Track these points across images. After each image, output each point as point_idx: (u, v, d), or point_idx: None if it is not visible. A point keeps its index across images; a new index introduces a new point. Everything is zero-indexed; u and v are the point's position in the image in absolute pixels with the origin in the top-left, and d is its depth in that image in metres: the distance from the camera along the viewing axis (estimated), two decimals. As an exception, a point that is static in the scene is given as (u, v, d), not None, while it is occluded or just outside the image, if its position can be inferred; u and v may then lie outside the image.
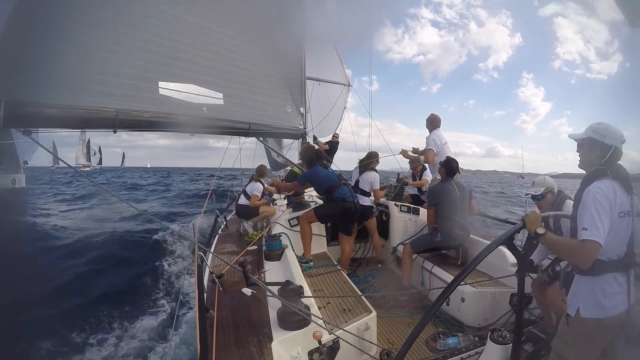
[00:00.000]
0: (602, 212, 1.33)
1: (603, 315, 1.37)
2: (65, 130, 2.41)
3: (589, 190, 1.38)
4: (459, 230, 3.15)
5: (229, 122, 3.11)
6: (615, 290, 1.38)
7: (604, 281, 1.38)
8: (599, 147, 1.45)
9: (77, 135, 55.96)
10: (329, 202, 3.37)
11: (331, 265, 3.15)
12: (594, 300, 1.39)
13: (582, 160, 1.53)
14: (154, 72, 2.62)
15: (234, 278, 2.68)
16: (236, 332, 1.93)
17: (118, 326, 4.30)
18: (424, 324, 1.48)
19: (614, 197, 1.36)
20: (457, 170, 3.37)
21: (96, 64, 2.30)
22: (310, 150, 3.54)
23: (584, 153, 1.52)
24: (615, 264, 1.39)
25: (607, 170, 1.41)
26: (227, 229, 4.89)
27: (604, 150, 1.43)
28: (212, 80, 3.05)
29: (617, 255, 1.39)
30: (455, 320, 2.76)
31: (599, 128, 1.44)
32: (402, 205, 4.28)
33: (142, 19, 2.62)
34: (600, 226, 1.30)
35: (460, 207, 3.22)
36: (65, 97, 2.13)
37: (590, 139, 1.47)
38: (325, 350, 1.82)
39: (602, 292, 1.38)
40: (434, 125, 3.95)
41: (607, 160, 1.43)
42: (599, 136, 1.44)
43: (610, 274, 1.38)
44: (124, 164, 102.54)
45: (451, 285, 1.54)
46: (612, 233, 1.35)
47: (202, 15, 3.06)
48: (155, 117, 2.53)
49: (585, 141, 1.49)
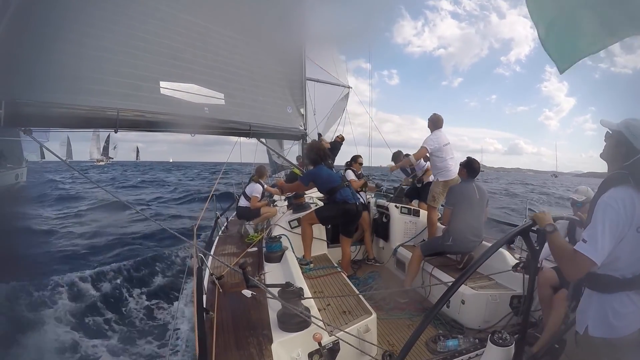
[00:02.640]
0: (607, 228, 1.19)
1: (612, 335, 1.26)
2: (68, 130, 2.41)
3: (602, 200, 1.25)
4: (472, 236, 3.03)
5: (230, 123, 3.11)
6: (629, 310, 1.25)
7: (616, 300, 1.27)
8: (625, 146, 1.27)
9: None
10: (331, 203, 3.35)
11: (331, 267, 3.15)
12: (604, 319, 1.28)
13: (605, 152, 1.38)
14: (155, 71, 2.62)
15: (234, 279, 2.67)
16: (236, 333, 1.92)
17: (118, 326, 4.29)
18: (425, 326, 1.47)
19: (631, 210, 1.20)
20: (479, 171, 3.22)
21: (96, 63, 2.30)
22: (315, 150, 3.45)
23: (609, 145, 1.35)
24: (630, 282, 1.26)
25: (628, 176, 1.24)
26: (228, 230, 4.89)
27: (629, 151, 1.26)
28: (213, 80, 3.05)
29: (633, 273, 1.25)
30: (455, 323, 2.76)
31: (633, 125, 1.26)
32: (402, 207, 4.28)
33: (141, 18, 2.62)
34: (601, 243, 1.18)
35: (478, 212, 3.09)
36: (65, 97, 2.13)
37: (620, 133, 1.29)
38: (326, 352, 1.82)
39: (613, 312, 1.26)
40: (436, 125, 3.93)
41: (631, 164, 1.26)
42: (630, 134, 1.26)
43: (623, 292, 1.26)
44: (139, 158, 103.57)
45: (453, 286, 1.53)
46: (629, 249, 1.22)
47: (201, 15, 3.07)
48: (156, 117, 2.53)
49: (615, 134, 1.32)
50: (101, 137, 73.91)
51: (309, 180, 3.37)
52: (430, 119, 4.00)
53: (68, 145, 68.97)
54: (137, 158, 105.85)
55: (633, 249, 1.23)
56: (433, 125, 3.94)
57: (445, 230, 3.23)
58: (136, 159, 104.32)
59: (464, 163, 3.24)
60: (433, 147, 3.79)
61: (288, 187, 4.04)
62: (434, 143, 3.80)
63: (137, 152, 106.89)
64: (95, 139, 73.65)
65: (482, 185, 3.23)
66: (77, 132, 2.45)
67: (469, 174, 3.18)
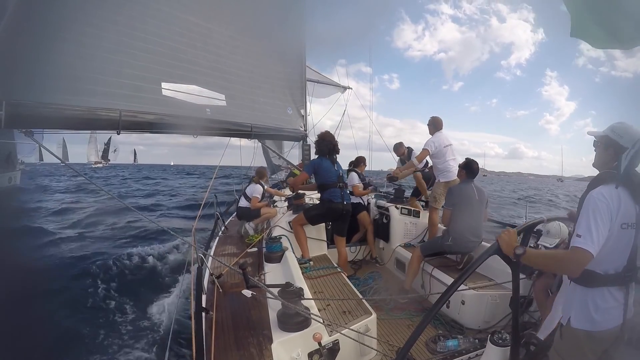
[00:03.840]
0: (599, 220, 1.24)
1: (593, 328, 1.30)
2: (66, 131, 2.40)
3: (590, 196, 1.30)
4: (472, 237, 3.04)
5: (231, 124, 3.12)
6: (610, 305, 1.30)
7: (598, 295, 1.31)
8: (613, 147, 1.35)
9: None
10: (319, 202, 3.40)
11: (331, 268, 3.16)
12: (585, 312, 1.32)
13: (596, 159, 1.44)
14: (156, 72, 2.63)
15: (234, 280, 2.67)
16: (236, 333, 1.93)
17: (116, 326, 4.28)
18: (424, 326, 1.48)
19: (617, 206, 1.26)
20: (477, 172, 3.24)
21: (97, 64, 2.30)
22: (327, 140, 3.42)
23: (599, 152, 1.42)
24: (612, 278, 1.30)
25: (616, 176, 1.31)
26: (227, 230, 4.89)
27: (617, 151, 1.33)
28: (214, 82, 3.06)
29: (615, 269, 1.30)
30: (455, 323, 2.76)
31: (618, 127, 1.35)
32: (402, 207, 4.28)
33: (142, 18, 2.62)
34: (595, 235, 1.22)
35: (477, 212, 3.10)
36: (67, 98, 2.13)
37: (606, 137, 1.37)
38: (325, 352, 1.82)
39: (595, 306, 1.30)
40: (436, 127, 3.96)
41: (618, 164, 1.33)
42: (615, 135, 1.34)
43: (605, 287, 1.30)
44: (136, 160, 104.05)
45: (451, 288, 1.54)
46: (611, 245, 1.26)
47: (202, 16, 3.08)
48: (159, 118, 2.53)
49: (602, 139, 1.39)
50: (99, 140, 73.57)
51: (311, 170, 3.38)
52: (430, 122, 4.03)
53: (64, 147, 68.56)
54: (135, 161, 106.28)
55: (615, 245, 1.28)
56: (433, 128, 3.97)
57: (445, 231, 3.24)
58: (134, 162, 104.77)
59: (463, 164, 3.28)
60: (434, 149, 3.82)
61: (293, 182, 4.06)
62: (434, 145, 3.82)
63: (134, 155, 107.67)
64: (93, 141, 73.37)
65: (480, 186, 3.25)
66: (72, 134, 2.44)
67: (468, 175, 3.21)
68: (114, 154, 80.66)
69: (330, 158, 3.40)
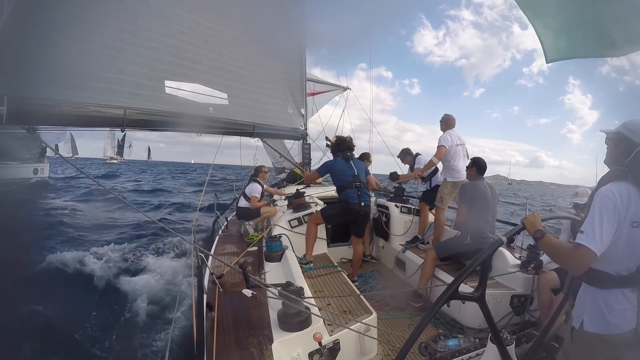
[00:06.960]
0: (605, 218, 1.20)
1: (607, 331, 1.27)
2: (74, 128, 2.41)
3: (599, 192, 1.27)
4: (489, 234, 2.98)
5: (234, 123, 3.13)
6: (624, 307, 1.26)
7: (611, 297, 1.28)
8: (624, 142, 1.31)
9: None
10: (336, 202, 3.40)
11: (332, 267, 3.15)
12: (599, 314, 1.29)
13: (608, 156, 1.41)
14: (160, 70, 2.63)
15: (234, 279, 2.67)
16: (237, 333, 1.93)
17: (115, 326, 4.28)
18: (424, 325, 1.48)
19: (627, 204, 1.22)
20: (486, 168, 3.22)
21: (101, 61, 2.29)
22: (342, 139, 3.40)
23: (610, 148, 1.39)
24: (625, 279, 1.26)
25: (627, 172, 1.27)
26: (228, 230, 4.89)
27: (628, 146, 1.29)
28: (217, 80, 3.07)
29: (628, 270, 1.26)
30: (455, 322, 2.76)
31: (630, 124, 1.32)
32: (402, 206, 4.28)
33: (146, 17, 2.63)
34: (599, 233, 1.19)
35: (492, 209, 3.08)
36: (70, 94, 2.12)
37: (618, 133, 1.33)
38: (326, 351, 1.82)
39: (608, 308, 1.27)
40: (448, 125, 3.88)
41: (631, 160, 1.28)
42: (627, 131, 1.30)
43: (618, 289, 1.27)
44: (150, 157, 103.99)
45: (451, 287, 1.54)
46: (622, 245, 1.23)
47: (205, 15, 3.08)
48: (163, 116, 2.53)
49: (614, 135, 1.36)
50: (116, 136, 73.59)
51: (324, 172, 3.40)
52: (443, 119, 3.94)
53: (72, 142, 68.35)
54: (149, 157, 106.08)
55: (628, 245, 1.24)
56: (445, 125, 3.89)
57: (461, 229, 3.18)
58: (147, 159, 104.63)
59: (471, 162, 3.25)
60: (450, 143, 3.74)
61: (308, 176, 4.15)
62: (447, 140, 3.75)
63: (148, 152, 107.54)
64: (111, 137, 73.57)
65: (491, 183, 3.23)
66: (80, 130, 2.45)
67: (478, 172, 3.18)
68: (129, 149, 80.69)
69: (344, 156, 3.39)
